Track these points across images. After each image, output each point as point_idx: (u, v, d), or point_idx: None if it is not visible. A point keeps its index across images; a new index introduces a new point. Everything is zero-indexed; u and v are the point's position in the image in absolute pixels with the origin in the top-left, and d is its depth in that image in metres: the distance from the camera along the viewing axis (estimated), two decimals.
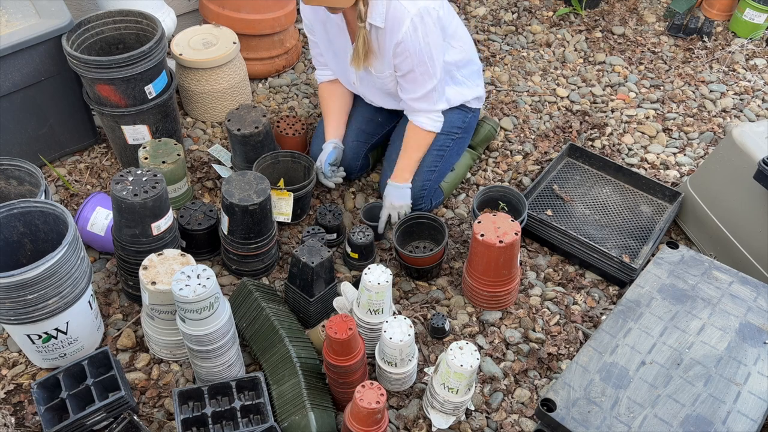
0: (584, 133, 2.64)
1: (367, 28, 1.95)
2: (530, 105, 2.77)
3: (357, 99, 2.36)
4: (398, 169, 2.16)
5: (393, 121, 2.36)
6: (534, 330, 1.98)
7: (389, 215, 2.16)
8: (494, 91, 2.81)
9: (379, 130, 2.36)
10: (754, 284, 1.87)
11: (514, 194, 2.12)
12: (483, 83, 2.34)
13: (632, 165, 2.51)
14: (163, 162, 2.11)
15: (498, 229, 1.86)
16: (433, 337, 1.95)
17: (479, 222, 1.89)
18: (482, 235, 1.85)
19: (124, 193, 1.73)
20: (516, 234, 1.85)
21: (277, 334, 1.76)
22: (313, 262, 1.81)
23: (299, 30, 3.05)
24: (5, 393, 1.79)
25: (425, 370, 1.85)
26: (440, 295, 2.06)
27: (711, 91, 2.87)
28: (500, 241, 1.83)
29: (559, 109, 2.76)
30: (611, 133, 2.65)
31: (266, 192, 1.92)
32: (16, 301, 1.59)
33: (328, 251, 1.86)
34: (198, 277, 1.53)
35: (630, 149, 2.58)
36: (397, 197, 2.14)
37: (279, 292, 2.00)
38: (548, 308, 2.04)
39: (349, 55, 2.08)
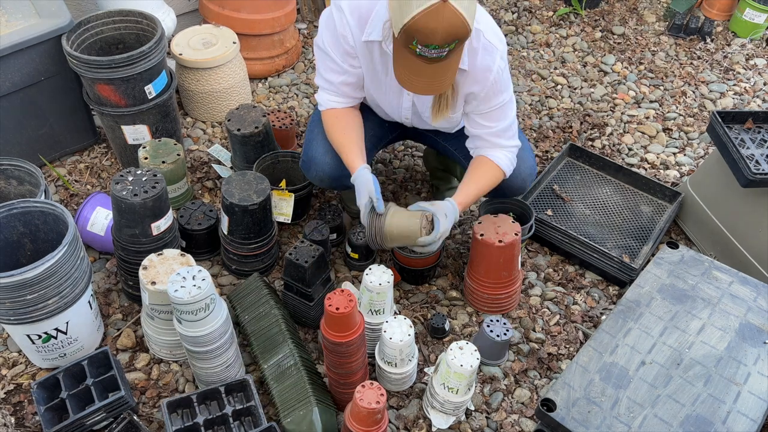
0: (584, 133, 2.64)
1: None
2: (530, 105, 2.77)
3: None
4: (465, 195, 1.81)
5: (400, 126, 2.10)
6: (534, 330, 1.98)
7: (436, 232, 1.74)
8: None
9: (387, 134, 2.10)
10: (754, 284, 1.87)
11: (519, 204, 2.10)
12: None
13: (632, 165, 2.51)
14: (163, 162, 2.11)
15: (498, 228, 1.86)
16: (433, 337, 1.95)
17: (480, 222, 1.89)
18: (482, 235, 1.85)
19: (124, 193, 1.73)
20: (516, 234, 1.85)
21: (282, 332, 1.76)
22: (306, 262, 1.81)
23: (299, 30, 3.05)
24: (5, 393, 1.79)
25: (425, 370, 1.85)
26: (440, 294, 2.06)
27: (711, 91, 2.87)
28: (500, 241, 1.83)
29: (559, 109, 2.76)
30: (611, 133, 2.64)
31: (266, 192, 1.92)
32: (16, 301, 1.59)
33: (319, 249, 1.83)
34: (193, 278, 1.53)
35: (630, 149, 2.58)
36: (451, 221, 1.78)
37: (278, 293, 1.99)
38: (548, 308, 2.04)
39: (425, 105, 1.83)
